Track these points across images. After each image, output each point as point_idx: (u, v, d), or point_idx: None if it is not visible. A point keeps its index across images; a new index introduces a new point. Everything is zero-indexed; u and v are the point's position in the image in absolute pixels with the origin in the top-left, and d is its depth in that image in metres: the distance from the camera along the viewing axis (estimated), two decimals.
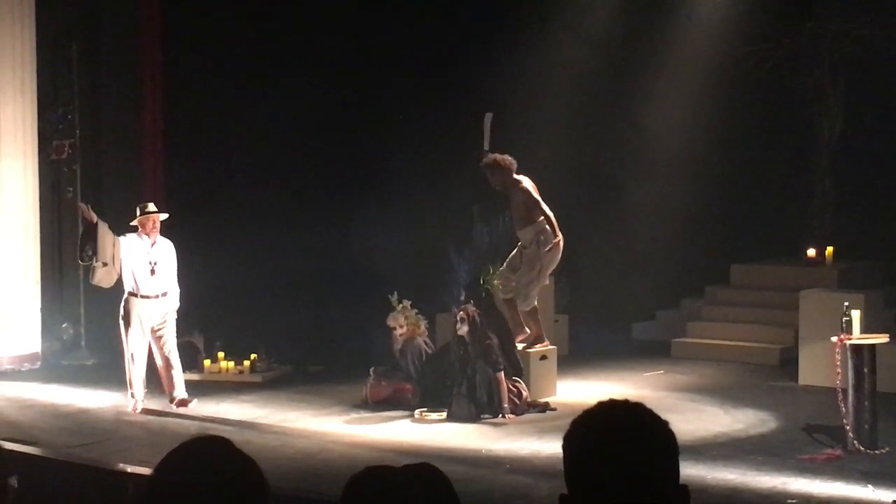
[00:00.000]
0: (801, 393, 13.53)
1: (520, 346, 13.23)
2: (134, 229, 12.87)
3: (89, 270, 13.05)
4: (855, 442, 10.74)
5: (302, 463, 10.72)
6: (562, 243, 13.20)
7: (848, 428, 10.79)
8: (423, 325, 13.29)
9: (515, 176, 13.24)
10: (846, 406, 10.85)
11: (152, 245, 12.87)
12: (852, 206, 16.95)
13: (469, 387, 12.39)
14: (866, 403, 10.81)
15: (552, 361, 13.56)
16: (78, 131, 16.10)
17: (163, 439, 11.35)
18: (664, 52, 17.61)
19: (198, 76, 16.56)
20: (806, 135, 17.17)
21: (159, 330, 12.92)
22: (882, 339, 11.26)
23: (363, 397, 13.08)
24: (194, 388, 14.00)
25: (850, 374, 10.88)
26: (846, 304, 11.18)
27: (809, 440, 11.32)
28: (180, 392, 12.96)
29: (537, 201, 13.13)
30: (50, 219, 16.16)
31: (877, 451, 10.73)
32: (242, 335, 14.94)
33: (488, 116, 13.69)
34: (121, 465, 10.39)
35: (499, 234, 14.12)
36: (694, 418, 12.24)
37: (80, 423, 12.47)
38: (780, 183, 17.37)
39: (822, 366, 12.64)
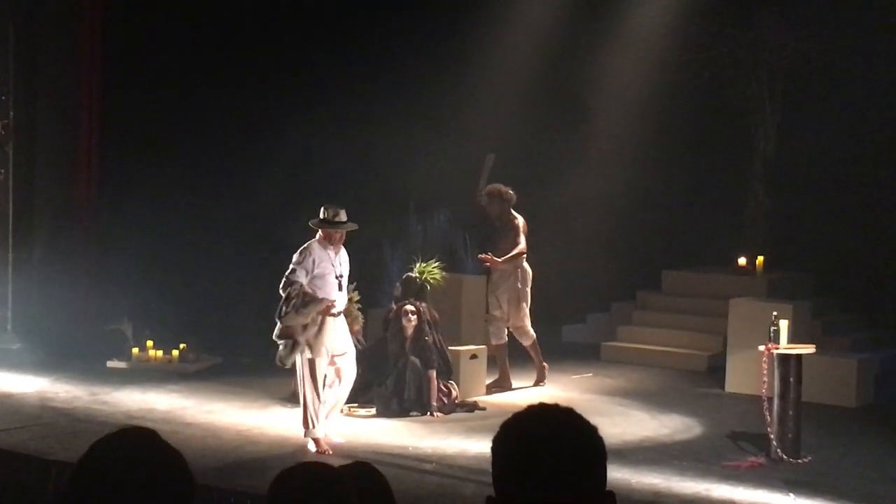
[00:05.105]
0: (728, 400, 13.64)
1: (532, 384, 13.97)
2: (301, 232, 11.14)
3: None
4: (778, 450, 10.84)
5: (228, 455, 10.65)
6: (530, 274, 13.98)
7: (772, 436, 10.90)
8: (359, 322, 13.23)
9: (513, 211, 13.84)
10: (771, 414, 10.95)
11: (336, 254, 10.97)
12: (784, 217, 17.12)
13: (397, 382, 12.37)
14: (791, 412, 10.92)
15: (482, 361, 13.59)
16: (12, 112, 15.88)
17: (88, 427, 11.24)
18: (602, 58, 17.67)
19: (137, 61, 16.39)
20: (741, 144, 17.31)
21: (340, 356, 11.09)
22: (809, 349, 11.38)
23: (292, 391, 13.02)
24: (120, 377, 13.90)
25: (777, 383, 10.98)
26: (774, 313, 11.28)
27: (734, 447, 11.41)
28: (331, 429, 11.16)
29: (521, 242, 13.79)
30: None
31: (799, 460, 10.85)
32: (174, 324, 14.82)
33: (490, 157, 13.98)
34: (44, 452, 10.29)
35: (434, 229, 14.13)
36: (621, 422, 12.31)
37: (3, 407, 12.29)
38: (713, 191, 17.50)
39: (748, 374, 12.77)
